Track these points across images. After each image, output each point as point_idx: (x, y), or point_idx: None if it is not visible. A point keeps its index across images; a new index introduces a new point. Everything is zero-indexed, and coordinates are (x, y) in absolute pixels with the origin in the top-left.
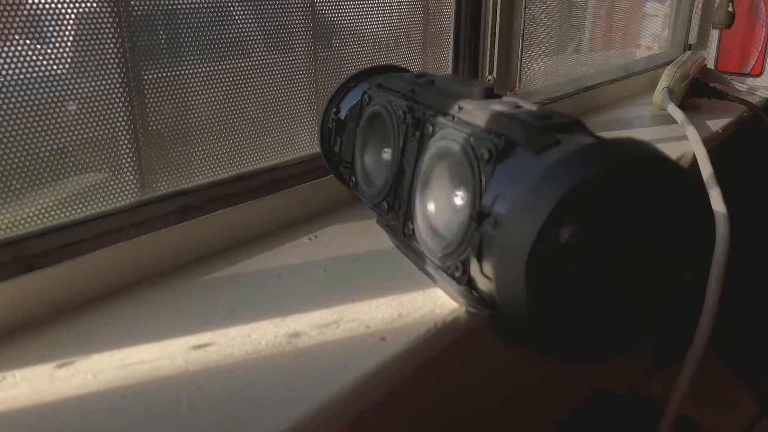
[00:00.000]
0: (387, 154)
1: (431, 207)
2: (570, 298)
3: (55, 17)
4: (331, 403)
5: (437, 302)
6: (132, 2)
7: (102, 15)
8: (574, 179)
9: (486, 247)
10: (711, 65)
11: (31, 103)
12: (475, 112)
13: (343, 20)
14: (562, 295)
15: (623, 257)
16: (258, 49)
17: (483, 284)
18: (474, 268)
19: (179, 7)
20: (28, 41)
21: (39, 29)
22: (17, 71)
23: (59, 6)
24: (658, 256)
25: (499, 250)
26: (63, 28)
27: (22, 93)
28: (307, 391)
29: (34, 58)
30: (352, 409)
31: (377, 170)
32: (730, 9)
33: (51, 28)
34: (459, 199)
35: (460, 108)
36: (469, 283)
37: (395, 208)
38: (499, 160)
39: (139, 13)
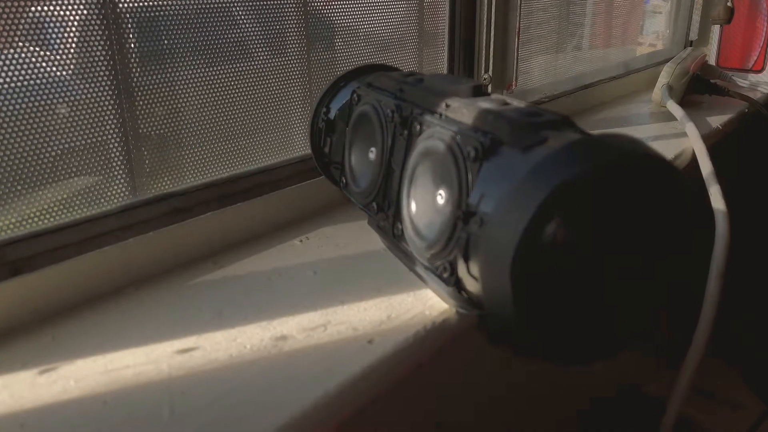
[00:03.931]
0: (376, 153)
1: (413, 207)
2: (558, 299)
3: (41, 21)
4: (315, 408)
5: (427, 304)
6: (120, 6)
7: (90, 19)
8: (561, 177)
9: (472, 247)
10: (712, 61)
11: (18, 107)
12: (462, 110)
13: (337, 20)
14: (549, 295)
15: (613, 257)
16: (249, 52)
17: (471, 285)
18: (461, 269)
19: (168, 11)
20: (14, 46)
21: (25, 33)
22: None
23: (45, 10)
24: (650, 256)
25: (485, 249)
26: (50, 32)
27: (8, 97)
28: (290, 396)
29: (20, 62)
30: (337, 414)
31: (367, 170)
32: (729, 4)
33: (36, 32)
34: (440, 198)
35: (447, 106)
36: (457, 284)
37: (384, 208)
38: (485, 159)
39: (126, 17)
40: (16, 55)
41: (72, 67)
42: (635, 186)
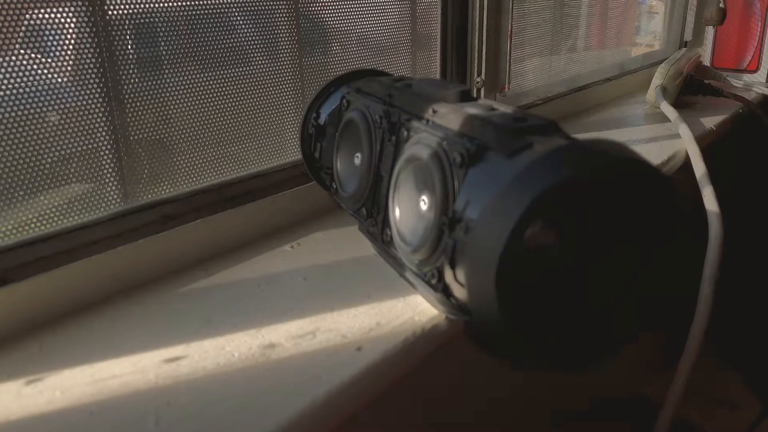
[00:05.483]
0: (364, 159)
1: (397, 213)
2: (545, 304)
3: (30, 28)
4: (302, 417)
5: (417, 310)
6: (109, 13)
7: (79, 26)
8: (546, 182)
9: (459, 253)
10: (707, 62)
11: (7, 116)
12: (449, 116)
13: (329, 24)
14: (536, 301)
15: (600, 261)
16: (241, 57)
17: (458, 291)
18: (448, 275)
19: (158, 17)
20: (3, 54)
21: (14, 40)
22: None
23: (34, 17)
24: (637, 260)
25: (471, 256)
26: (38, 39)
27: None
28: (277, 405)
29: (9, 70)
30: (326, 422)
31: (356, 176)
32: (721, 5)
33: (25, 39)
34: (423, 204)
35: (434, 111)
36: (445, 290)
37: (373, 214)
38: (471, 165)
39: (116, 23)
40: (4, 63)
41: (61, 74)
42: (621, 191)
